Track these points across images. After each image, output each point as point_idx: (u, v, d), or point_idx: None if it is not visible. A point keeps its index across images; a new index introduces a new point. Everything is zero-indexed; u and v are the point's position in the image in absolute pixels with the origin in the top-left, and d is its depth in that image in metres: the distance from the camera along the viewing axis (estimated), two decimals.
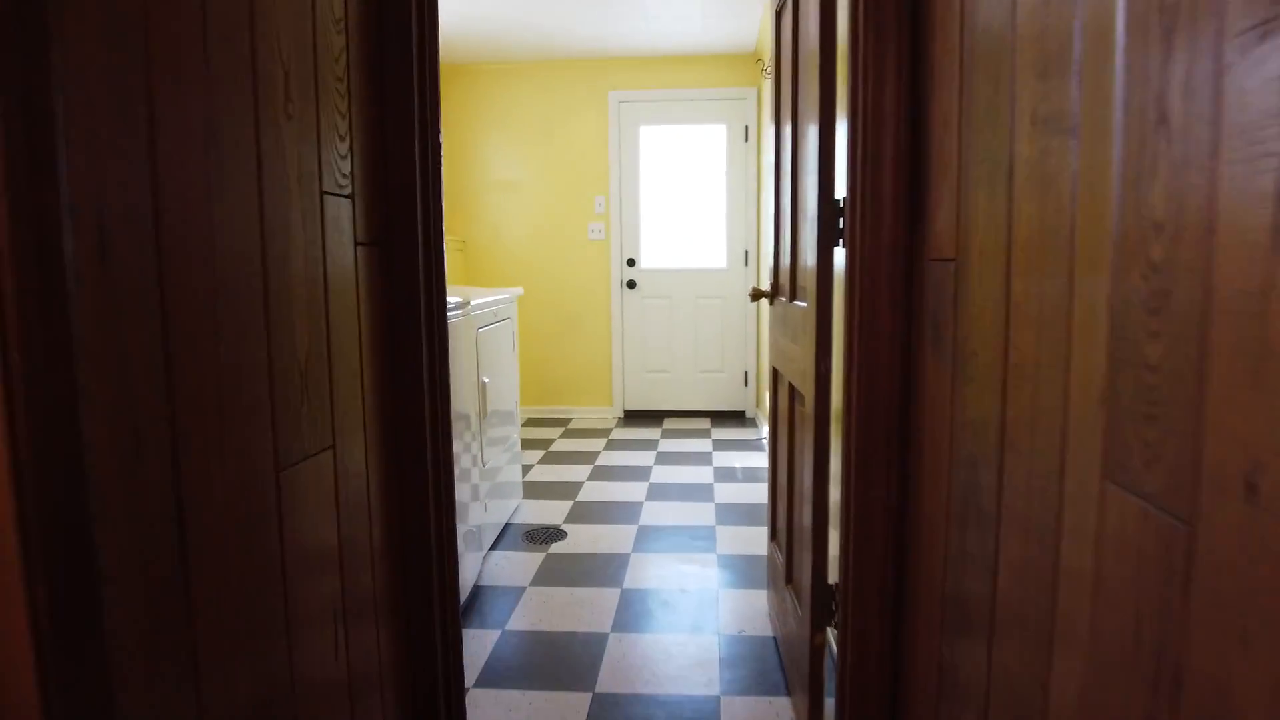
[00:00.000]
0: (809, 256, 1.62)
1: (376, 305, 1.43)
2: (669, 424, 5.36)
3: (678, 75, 5.34)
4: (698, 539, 3.11)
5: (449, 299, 2.53)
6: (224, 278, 0.94)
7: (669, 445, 4.73)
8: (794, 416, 1.93)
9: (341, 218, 1.30)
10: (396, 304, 1.49)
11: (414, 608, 1.55)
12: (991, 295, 0.98)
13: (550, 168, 5.47)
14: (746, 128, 5.32)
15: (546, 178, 5.48)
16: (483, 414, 2.91)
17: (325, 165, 1.23)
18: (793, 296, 1.89)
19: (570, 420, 5.51)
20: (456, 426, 2.51)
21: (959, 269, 1.11)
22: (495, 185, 5.51)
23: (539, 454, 4.55)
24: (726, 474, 4.06)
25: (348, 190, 1.31)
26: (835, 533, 1.59)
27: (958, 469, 1.11)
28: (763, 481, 3.91)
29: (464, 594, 2.53)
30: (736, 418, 5.52)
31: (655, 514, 3.43)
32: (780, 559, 2.19)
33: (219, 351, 0.93)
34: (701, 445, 4.72)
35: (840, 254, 1.51)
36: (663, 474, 4.08)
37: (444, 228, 1.63)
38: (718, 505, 3.55)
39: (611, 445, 4.75)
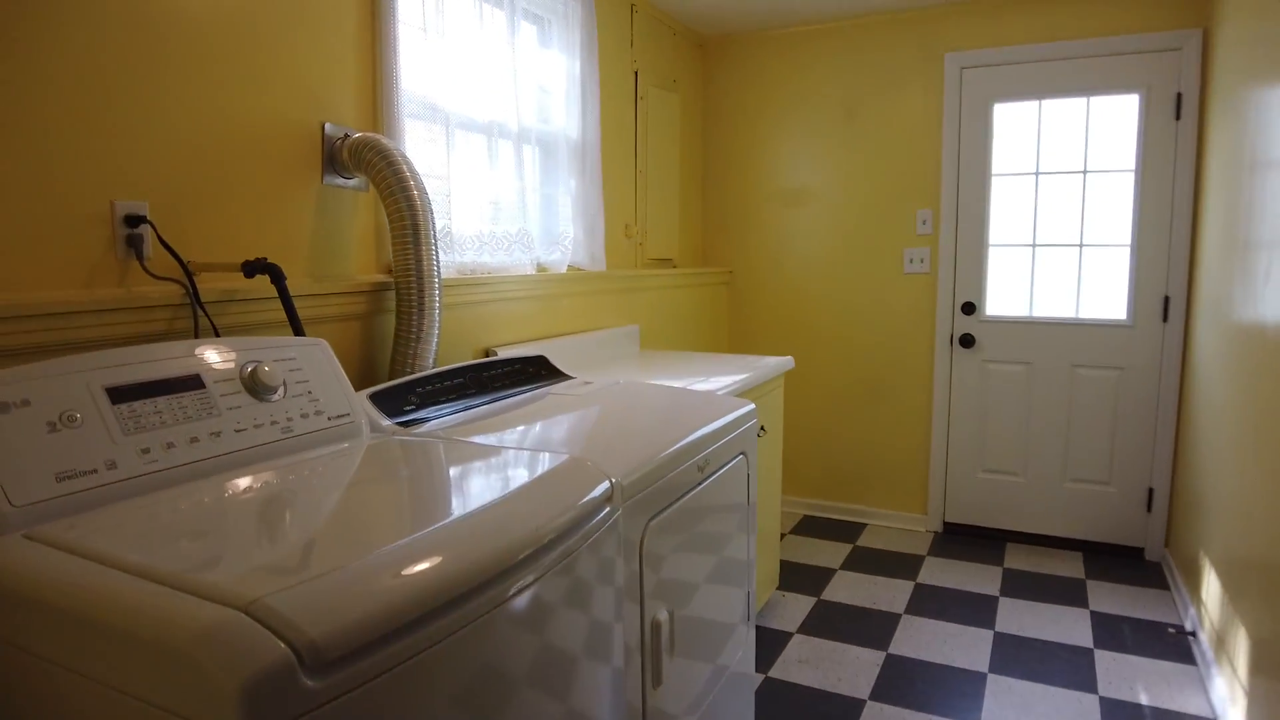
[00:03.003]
0: None
1: None
2: (1014, 558, 3.53)
3: (1054, 19, 3.43)
4: None
5: (573, 510, 1.03)
6: None
7: (1015, 615, 2.96)
8: None
9: None
10: None
11: None
12: None
13: (853, 170, 3.88)
14: (1178, 96, 3.26)
15: (846, 184, 3.90)
16: (656, 678, 1.54)
17: None
18: None
19: (862, 530, 3.91)
20: None
21: None
22: (775, 196, 4.06)
23: (804, 608, 3.05)
24: None
25: None
26: None
27: None
28: None
29: None
30: (1128, 559, 3.51)
31: None
32: None
33: None
34: (1074, 626, 2.88)
35: None
36: (1005, 706, 2.38)
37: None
38: None
39: (919, 599, 3.10)
